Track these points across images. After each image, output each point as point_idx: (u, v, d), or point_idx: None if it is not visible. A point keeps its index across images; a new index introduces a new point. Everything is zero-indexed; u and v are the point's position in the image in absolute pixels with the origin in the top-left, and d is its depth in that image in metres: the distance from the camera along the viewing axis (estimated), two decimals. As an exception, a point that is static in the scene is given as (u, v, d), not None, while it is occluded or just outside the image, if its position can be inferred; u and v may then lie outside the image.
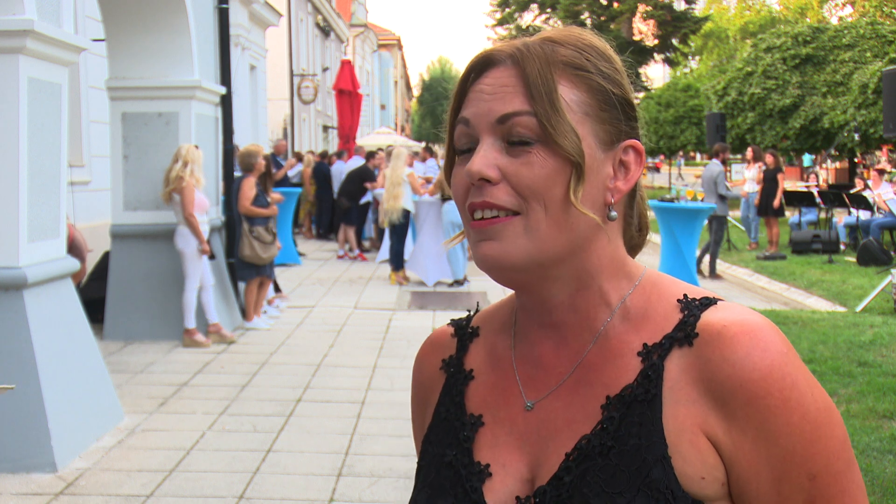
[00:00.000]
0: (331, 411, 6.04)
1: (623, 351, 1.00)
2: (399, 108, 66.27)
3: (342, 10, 39.08)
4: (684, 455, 0.92)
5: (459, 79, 1.04)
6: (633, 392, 0.96)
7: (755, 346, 0.92)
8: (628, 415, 0.95)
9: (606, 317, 1.02)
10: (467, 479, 1.01)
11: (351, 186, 14.85)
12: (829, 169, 34.69)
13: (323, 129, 32.53)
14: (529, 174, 0.96)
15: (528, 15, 42.87)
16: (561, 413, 1.00)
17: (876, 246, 12.98)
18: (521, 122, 0.96)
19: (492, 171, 0.96)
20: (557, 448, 0.98)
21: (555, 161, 0.96)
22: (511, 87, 0.98)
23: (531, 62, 0.97)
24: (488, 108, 0.98)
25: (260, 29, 20.06)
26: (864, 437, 5.15)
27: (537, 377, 1.04)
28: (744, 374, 0.92)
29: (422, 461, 1.09)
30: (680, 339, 0.96)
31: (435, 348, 1.17)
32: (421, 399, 1.17)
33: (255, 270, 8.86)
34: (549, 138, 0.95)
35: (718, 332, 0.94)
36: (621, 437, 0.94)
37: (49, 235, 5.32)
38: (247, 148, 9.31)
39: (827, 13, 39.65)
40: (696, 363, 0.94)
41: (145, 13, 8.00)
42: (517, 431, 1.02)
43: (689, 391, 0.94)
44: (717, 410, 0.93)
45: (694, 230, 11.03)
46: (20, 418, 4.85)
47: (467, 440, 1.04)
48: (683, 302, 1.00)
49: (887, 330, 8.21)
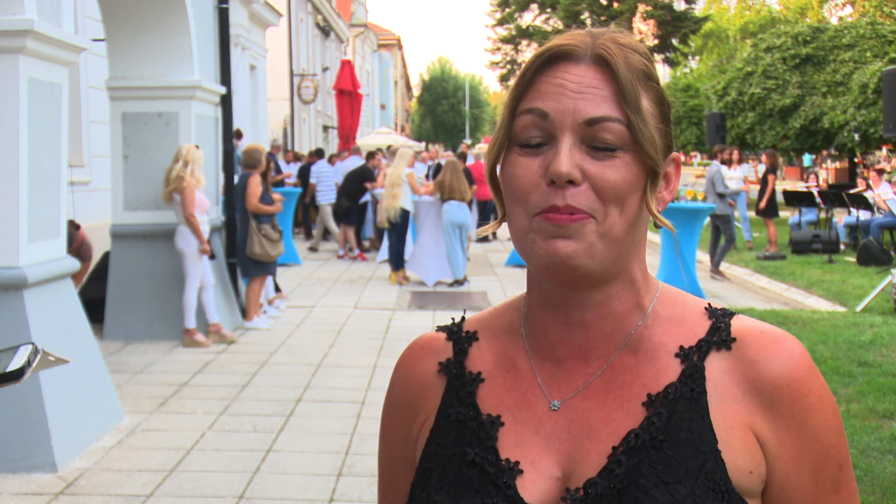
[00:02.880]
0: (331, 411, 6.04)
1: (658, 353, 1.02)
2: (399, 108, 66.25)
3: (342, 10, 39.07)
4: (735, 450, 0.97)
5: (527, 65, 1.01)
6: (678, 390, 0.99)
7: (794, 350, 1.00)
8: (676, 411, 0.98)
9: (638, 320, 1.04)
10: (497, 476, 1.00)
11: (351, 186, 14.85)
12: (829, 169, 34.70)
13: (323, 129, 32.52)
14: (616, 178, 0.96)
15: (528, 15, 42.89)
16: (595, 412, 1.01)
17: (876, 246, 12.98)
18: (612, 128, 0.96)
19: (577, 173, 0.96)
20: (596, 445, 0.99)
21: (637, 168, 0.97)
22: (599, 89, 0.97)
23: (621, 66, 0.97)
24: (574, 107, 0.97)
25: (260, 29, 20.06)
26: (864, 437, 5.15)
27: (560, 378, 1.04)
28: (789, 373, 0.98)
29: (428, 464, 1.06)
30: (717, 342, 1.01)
31: (427, 353, 1.14)
32: (407, 404, 1.13)
33: (261, 268, 8.88)
34: (639, 147, 0.96)
35: (758, 337, 1.01)
36: (672, 431, 0.97)
37: (49, 235, 5.32)
38: (249, 146, 9.34)
39: (827, 13, 39.64)
40: (738, 365, 1.00)
41: (145, 13, 8.00)
42: (544, 431, 1.02)
43: (733, 391, 0.99)
44: (762, 409, 0.98)
45: (694, 230, 11.02)
46: (20, 418, 4.85)
47: (490, 439, 1.03)
48: (710, 310, 1.05)
49: (887, 330, 8.21)
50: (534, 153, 0.98)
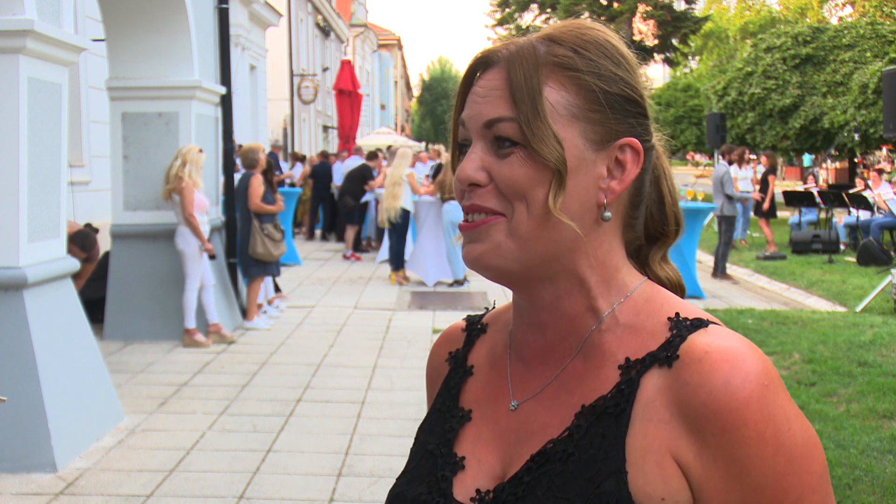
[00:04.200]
0: (331, 411, 6.04)
1: (605, 362, 0.99)
2: (399, 108, 66.26)
3: (342, 10, 39.07)
4: (647, 474, 0.92)
5: (462, 77, 1.05)
6: (605, 404, 0.96)
7: (735, 375, 0.90)
8: (595, 425, 0.95)
9: (592, 325, 1.01)
10: (441, 467, 1.04)
11: (353, 186, 14.86)
12: (829, 169, 34.69)
13: (323, 129, 32.53)
14: (511, 175, 0.96)
15: (528, 15, 42.86)
16: (539, 416, 1.01)
17: (876, 246, 12.99)
18: (505, 127, 0.97)
19: (479, 175, 0.98)
20: (529, 450, 1.00)
21: (536, 163, 0.96)
22: (499, 90, 0.98)
23: (517, 65, 0.97)
24: (479, 112, 0.99)
25: (260, 29, 20.06)
26: (864, 437, 5.15)
27: (527, 379, 1.05)
28: (720, 403, 0.90)
29: (412, 447, 1.12)
30: (661, 358, 0.95)
31: (446, 341, 1.19)
32: (430, 391, 1.21)
33: (262, 268, 8.89)
34: (529, 144, 0.96)
35: (699, 358, 0.92)
36: (583, 446, 0.95)
37: (49, 235, 5.32)
38: (246, 146, 9.34)
39: (827, 13, 39.64)
40: (672, 385, 0.93)
41: (145, 13, 8.00)
42: (499, 430, 1.05)
43: (662, 412, 0.93)
44: (689, 435, 0.91)
45: (694, 230, 11.03)
46: (20, 418, 4.85)
47: (451, 431, 1.07)
48: (674, 321, 0.98)
49: (887, 330, 8.20)
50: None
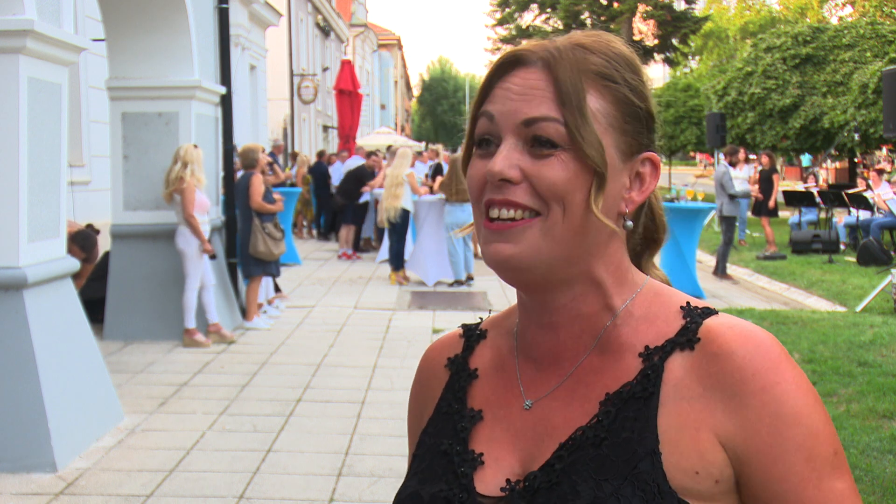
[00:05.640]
0: (331, 411, 6.04)
1: (624, 353, 1.03)
2: (399, 108, 66.24)
3: (342, 10, 39.06)
4: (682, 450, 0.95)
5: (487, 73, 1.06)
6: (632, 389, 0.99)
7: (761, 342, 0.97)
8: (624, 410, 0.98)
9: (607, 321, 1.04)
10: (459, 465, 1.05)
11: (348, 186, 14.88)
12: (829, 169, 34.68)
13: (323, 129, 32.52)
14: (552, 176, 0.97)
15: (528, 15, 42.81)
16: (559, 412, 1.03)
17: (876, 246, 12.98)
18: (548, 127, 0.97)
19: (513, 172, 0.98)
20: (553, 443, 1.01)
21: (577, 167, 0.98)
22: (541, 90, 0.99)
23: (563, 68, 0.99)
24: (515, 109, 0.99)
25: (260, 29, 20.06)
26: (864, 437, 5.15)
27: (538, 378, 1.07)
28: (756, 363, 0.95)
29: (417, 451, 1.12)
30: (682, 343, 1.00)
31: (442, 348, 1.20)
32: (420, 395, 1.21)
33: (262, 267, 8.89)
34: (577, 146, 0.97)
35: (722, 333, 0.98)
36: (615, 430, 0.97)
37: (49, 235, 5.32)
38: (245, 146, 9.35)
39: (827, 13, 39.62)
40: (701, 361, 0.98)
41: (145, 13, 8.00)
42: (514, 429, 1.06)
43: (694, 388, 0.97)
44: (726, 402, 0.96)
45: (694, 230, 11.03)
46: (20, 418, 4.85)
47: (464, 430, 1.08)
48: (686, 309, 1.03)
49: (887, 330, 8.21)
50: (486, 155, 1.02)
